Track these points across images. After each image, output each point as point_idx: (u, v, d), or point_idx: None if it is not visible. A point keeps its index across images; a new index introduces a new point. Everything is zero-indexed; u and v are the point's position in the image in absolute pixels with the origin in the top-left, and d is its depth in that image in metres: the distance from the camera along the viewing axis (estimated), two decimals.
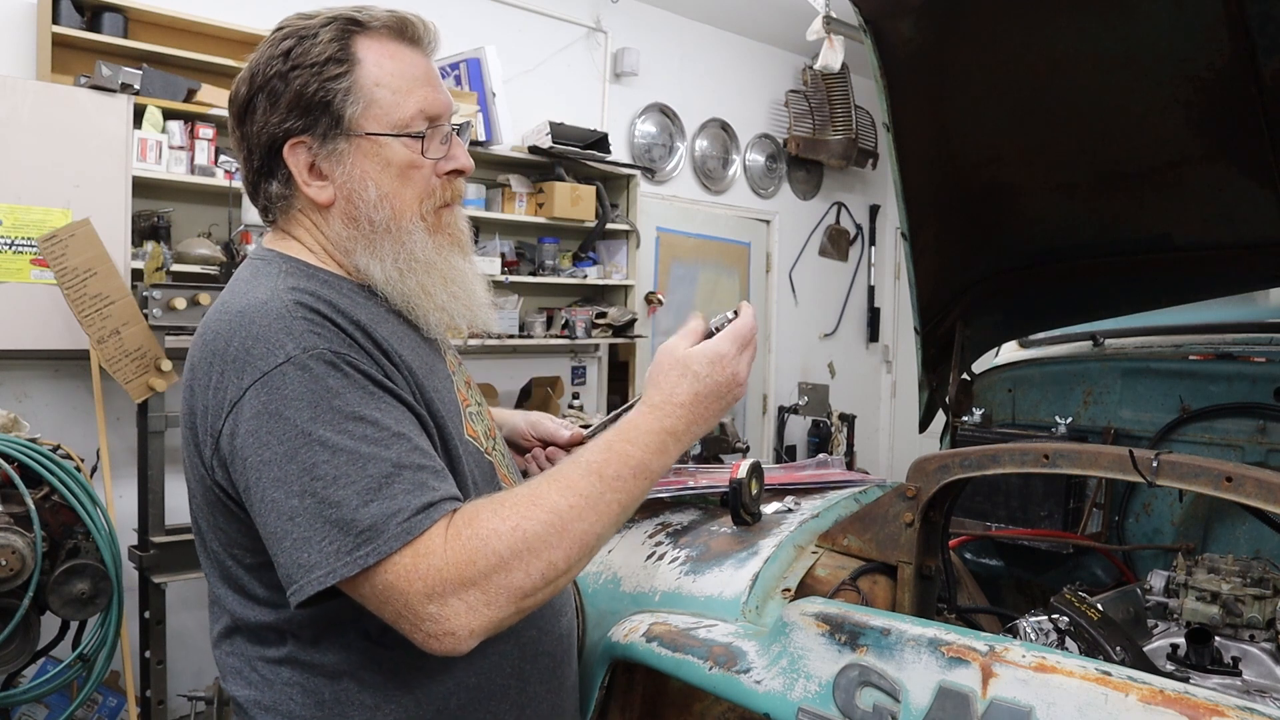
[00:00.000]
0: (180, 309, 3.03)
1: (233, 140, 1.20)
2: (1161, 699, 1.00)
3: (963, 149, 2.11)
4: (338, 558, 0.96)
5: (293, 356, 1.01)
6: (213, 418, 1.04)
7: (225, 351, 1.04)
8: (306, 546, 0.97)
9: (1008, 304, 2.44)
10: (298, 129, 1.13)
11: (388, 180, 1.15)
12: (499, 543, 1.00)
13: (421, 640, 0.99)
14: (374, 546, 0.96)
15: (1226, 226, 2.12)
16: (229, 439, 1.02)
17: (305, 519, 0.97)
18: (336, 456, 0.98)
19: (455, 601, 0.98)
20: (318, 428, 0.99)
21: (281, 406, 0.99)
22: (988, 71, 1.96)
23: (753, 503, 1.58)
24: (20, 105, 3.11)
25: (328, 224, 1.17)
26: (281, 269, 1.14)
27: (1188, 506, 2.08)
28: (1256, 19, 1.68)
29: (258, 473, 1.00)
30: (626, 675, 1.53)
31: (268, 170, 1.16)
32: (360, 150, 1.14)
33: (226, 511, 1.09)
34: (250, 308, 1.06)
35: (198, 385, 1.07)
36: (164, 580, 3.05)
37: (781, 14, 5.70)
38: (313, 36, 1.13)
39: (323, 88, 1.12)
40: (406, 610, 0.98)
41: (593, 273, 4.99)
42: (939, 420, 2.42)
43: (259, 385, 1.00)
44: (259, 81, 1.14)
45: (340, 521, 0.97)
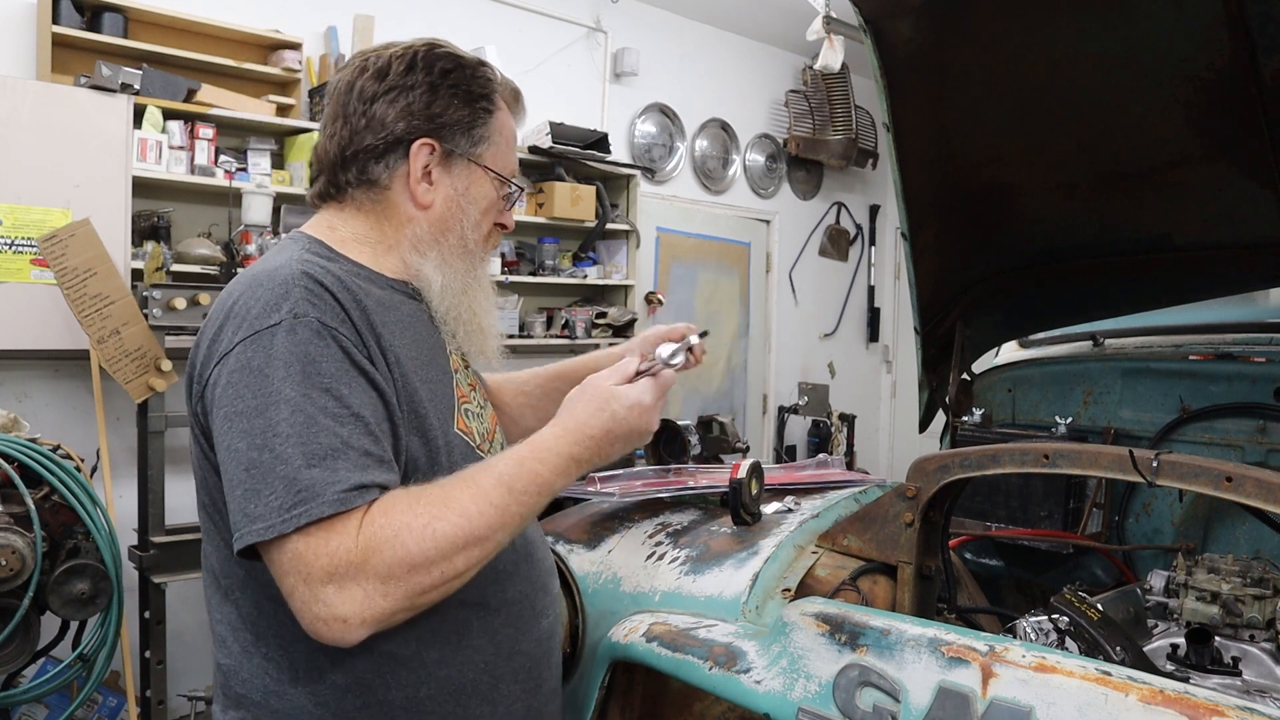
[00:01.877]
0: (180, 309, 3.02)
1: (348, 103, 1.24)
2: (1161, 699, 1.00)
3: (963, 149, 2.11)
4: (276, 514, 1.00)
5: (283, 320, 1.07)
6: (202, 367, 1.12)
7: (231, 309, 1.11)
8: (255, 497, 1.01)
9: (1008, 304, 2.44)
10: (432, 133, 1.23)
11: (476, 210, 1.29)
12: (409, 538, 1.02)
13: (309, 622, 1.00)
14: (304, 510, 0.99)
15: (1226, 226, 2.12)
16: (212, 388, 1.09)
17: (259, 471, 1.01)
18: (295, 417, 1.02)
19: (353, 588, 1.00)
20: (287, 388, 1.04)
21: (263, 364, 1.05)
22: (988, 71, 1.96)
23: (753, 503, 1.58)
24: (20, 105, 3.10)
25: (407, 222, 1.25)
26: (305, 245, 1.21)
27: (1188, 506, 2.08)
28: (1256, 19, 1.68)
29: (229, 422, 1.05)
30: (626, 675, 1.53)
31: (380, 152, 1.23)
32: (471, 176, 1.27)
33: (210, 467, 1.13)
34: (262, 273, 1.13)
35: (203, 339, 1.14)
36: (164, 580, 3.05)
37: (781, 14, 5.70)
38: (470, 67, 1.27)
39: (470, 113, 1.25)
40: (304, 585, 1.00)
41: (593, 273, 4.99)
42: (939, 420, 2.42)
43: (248, 341, 1.06)
44: (416, 74, 1.23)
45: (287, 478, 1.00)
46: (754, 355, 6.48)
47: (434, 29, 4.60)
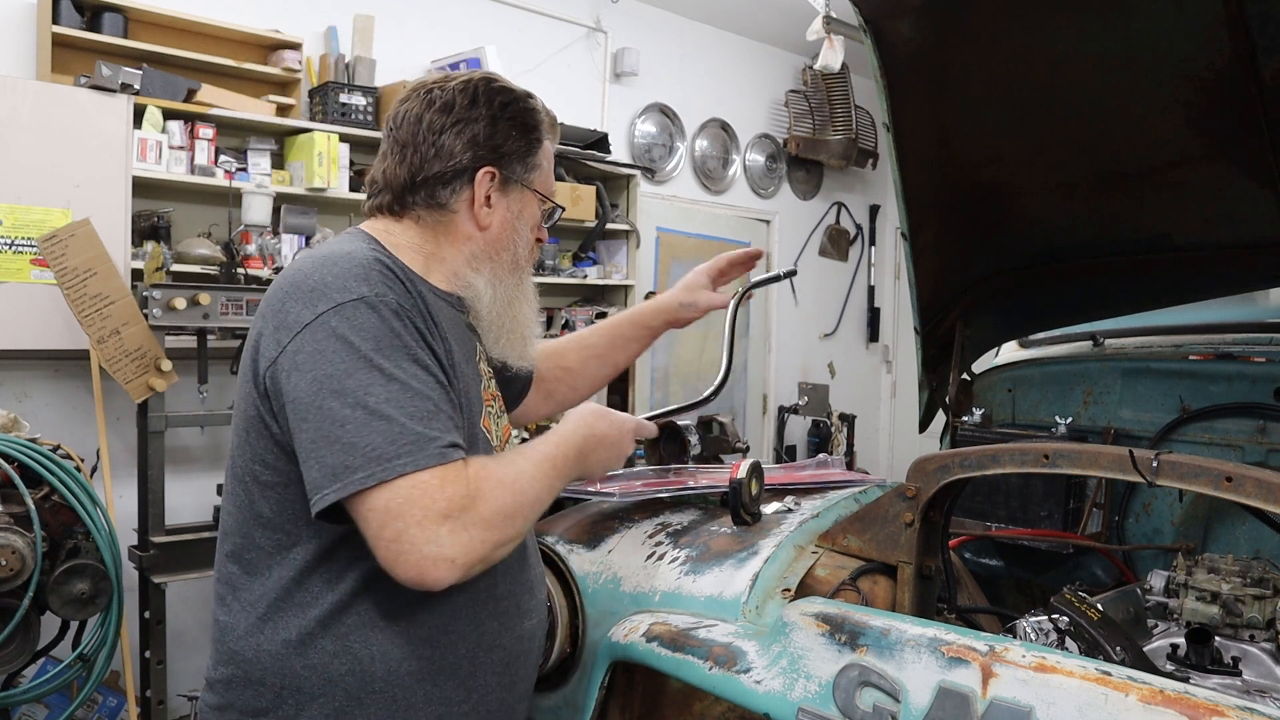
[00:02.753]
0: (180, 309, 3.02)
1: (416, 134, 1.34)
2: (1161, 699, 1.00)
3: (963, 149, 2.11)
4: (379, 463, 1.08)
5: (365, 296, 1.16)
6: (281, 335, 1.17)
7: (303, 284, 1.18)
8: (352, 451, 1.08)
9: (1008, 304, 2.44)
10: (494, 162, 1.35)
11: (527, 230, 1.42)
12: (505, 492, 1.16)
13: (415, 562, 1.07)
14: (413, 458, 1.08)
15: (1226, 226, 2.12)
16: (292, 355, 1.15)
17: (354, 426, 1.09)
18: (390, 384, 1.12)
19: (462, 531, 1.10)
20: (378, 358, 1.13)
21: (349, 333, 1.13)
22: (988, 71, 1.96)
23: (753, 503, 1.58)
24: (20, 105, 3.10)
25: (465, 240, 1.36)
26: (368, 241, 1.31)
27: (1188, 506, 2.08)
28: (1256, 19, 1.68)
29: (318, 384, 1.12)
30: (626, 675, 1.53)
31: (448, 179, 1.34)
32: (524, 200, 1.40)
33: (260, 426, 1.20)
34: (335, 254, 1.22)
35: (269, 311, 1.21)
36: (164, 580, 3.05)
37: (781, 14, 5.70)
38: (522, 100, 1.39)
39: (526, 144, 1.38)
40: (418, 526, 1.07)
41: (593, 273, 4.99)
42: (939, 420, 2.42)
43: (332, 312, 1.15)
44: (479, 108, 1.34)
45: (387, 432, 1.09)
46: (754, 355, 6.48)
47: (434, 29, 4.60)
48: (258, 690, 1.21)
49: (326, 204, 4.03)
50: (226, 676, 1.24)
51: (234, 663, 1.23)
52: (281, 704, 1.20)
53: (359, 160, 4.13)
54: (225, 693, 1.24)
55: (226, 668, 1.24)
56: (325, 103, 3.98)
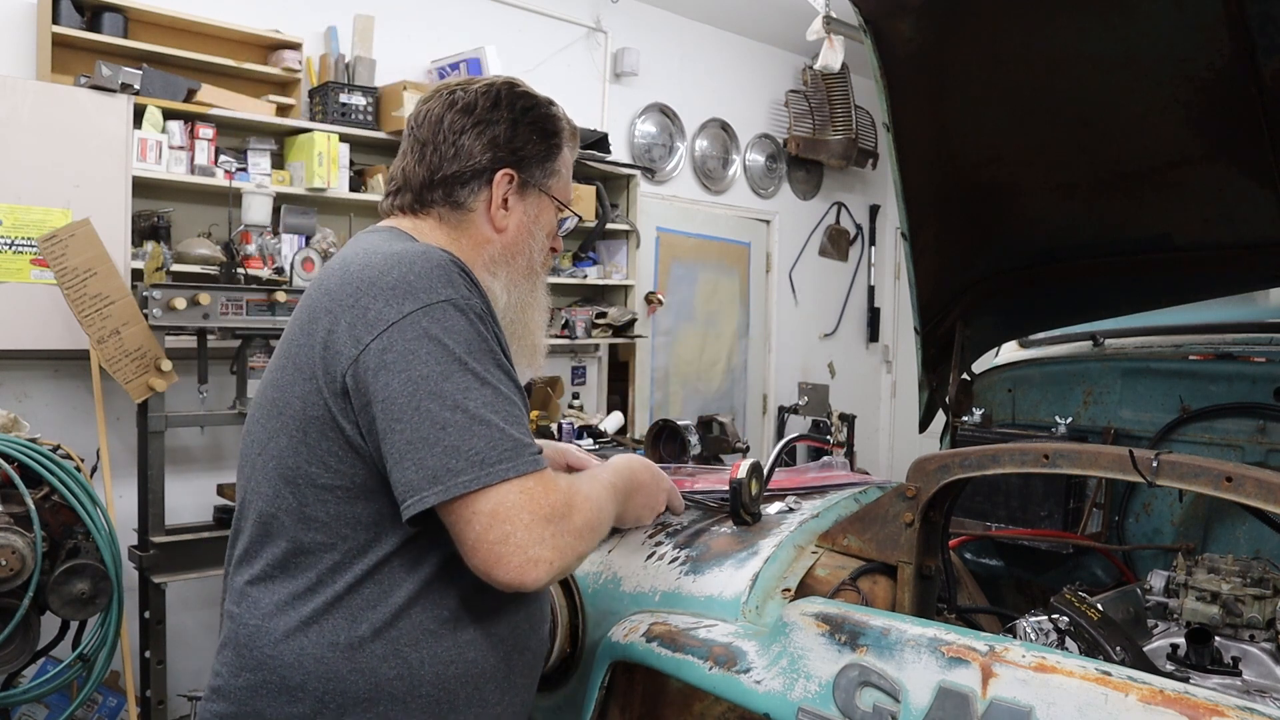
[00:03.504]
0: (180, 309, 3.02)
1: (437, 134, 1.35)
2: (1161, 699, 1.00)
3: (963, 149, 2.11)
4: (482, 468, 1.09)
5: (453, 299, 1.16)
6: (360, 333, 1.14)
7: (379, 281, 1.17)
8: (455, 454, 1.09)
9: (1008, 304, 2.44)
10: (513, 164, 1.36)
11: (542, 235, 1.43)
12: (591, 505, 1.21)
13: (518, 565, 1.09)
14: (514, 464, 1.10)
15: (1226, 226, 2.12)
16: (379, 352, 1.13)
17: (456, 429, 1.09)
18: (484, 388, 1.13)
19: (560, 536, 1.12)
20: (471, 361, 1.13)
21: (441, 334, 1.13)
22: (988, 71, 1.96)
23: (753, 503, 1.58)
24: (20, 105, 3.11)
25: (483, 243, 1.37)
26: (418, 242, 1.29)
27: (1188, 506, 2.08)
28: (1256, 19, 1.68)
29: (413, 385, 1.11)
30: (626, 675, 1.53)
31: (467, 179, 1.35)
32: (540, 205, 1.41)
33: (327, 427, 1.17)
34: (408, 253, 1.21)
35: (339, 306, 1.18)
36: (164, 580, 3.05)
37: (781, 14, 5.70)
38: (544, 106, 1.41)
39: (545, 148, 1.39)
40: (525, 529, 1.09)
41: (593, 273, 4.99)
42: (939, 420, 2.42)
43: (421, 312, 1.13)
44: (500, 110, 1.36)
45: (489, 437, 1.10)
46: (754, 355, 6.48)
47: (434, 29, 4.60)
48: (294, 696, 1.17)
49: (326, 204, 4.04)
50: (253, 683, 1.19)
51: (265, 668, 1.18)
52: (322, 709, 1.16)
53: (359, 160, 4.13)
54: (249, 700, 1.19)
55: (253, 674, 1.19)
56: (325, 103, 3.98)
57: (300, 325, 1.24)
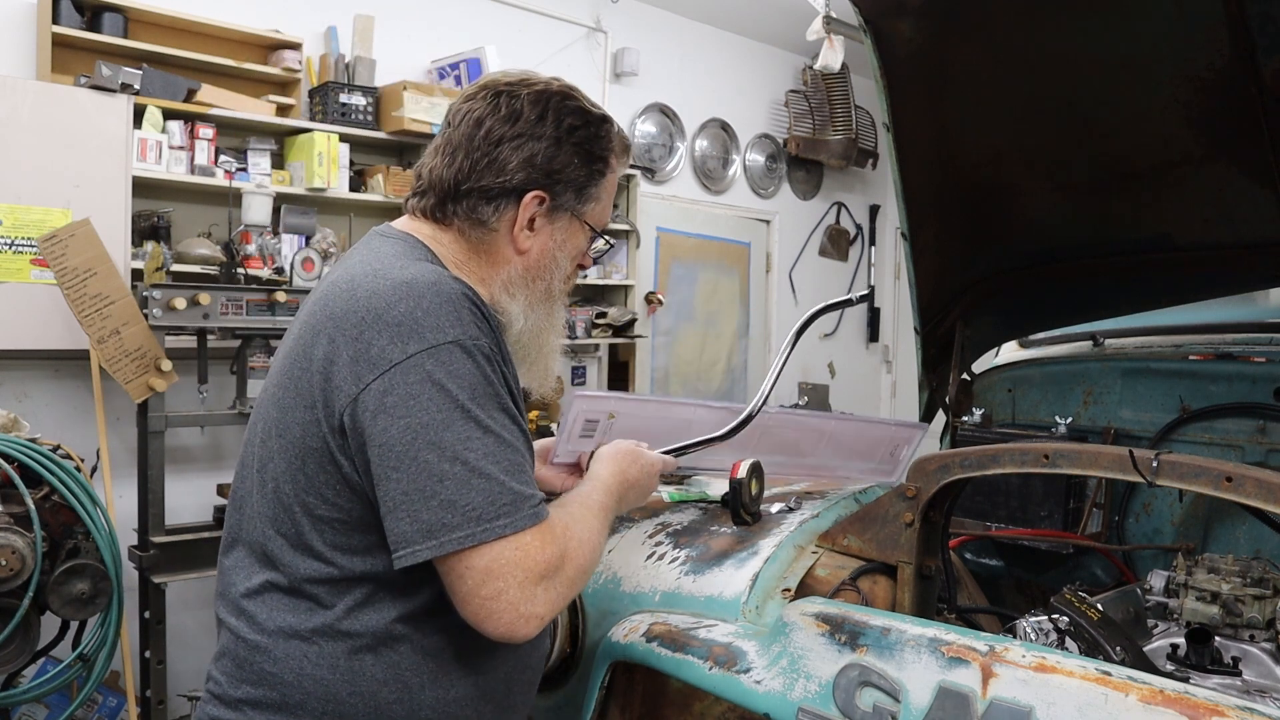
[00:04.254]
0: (180, 309, 3.02)
1: (473, 138, 1.27)
2: (1161, 699, 1.00)
3: (963, 149, 2.11)
4: (479, 523, 1.07)
5: (460, 340, 1.11)
6: (362, 371, 1.10)
7: (386, 314, 1.12)
8: (451, 508, 1.06)
9: (1008, 304, 2.44)
10: (547, 186, 1.28)
11: (568, 261, 1.35)
12: (584, 550, 1.18)
13: (509, 620, 1.08)
14: (511, 519, 1.08)
15: (1226, 226, 2.12)
16: (379, 395, 1.09)
17: (454, 482, 1.07)
18: (486, 436, 1.09)
19: (552, 590, 1.11)
20: (474, 408, 1.10)
21: (444, 379, 1.09)
22: (988, 71, 1.96)
23: (753, 503, 1.58)
24: (20, 105, 3.10)
25: (503, 263, 1.30)
26: (428, 258, 1.25)
27: (1188, 506, 2.08)
28: (1256, 19, 1.68)
29: (412, 434, 1.07)
30: (626, 675, 1.53)
31: (493, 195, 1.27)
32: (570, 229, 1.33)
33: (324, 460, 1.14)
34: (418, 281, 1.15)
35: (343, 337, 1.13)
36: (164, 580, 3.05)
37: (781, 14, 5.70)
38: (595, 124, 1.31)
39: (587, 173, 1.30)
40: (519, 587, 1.08)
41: (593, 273, 4.99)
42: (939, 420, 2.42)
43: (426, 354, 1.09)
44: (545, 125, 1.27)
45: (487, 491, 1.07)
46: (754, 355, 6.47)
47: (434, 29, 4.60)
48: (294, 714, 1.16)
49: (326, 204, 4.03)
50: (255, 698, 1.18)
51: (267, 684, 1.17)
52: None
53: (359, 160, 4.13)
54: (251, 712, 1.18)
55: (255, 689, 1.18)
56: (325, 103, 3.98)
57: (302, 345, 1.19)
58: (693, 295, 6.03)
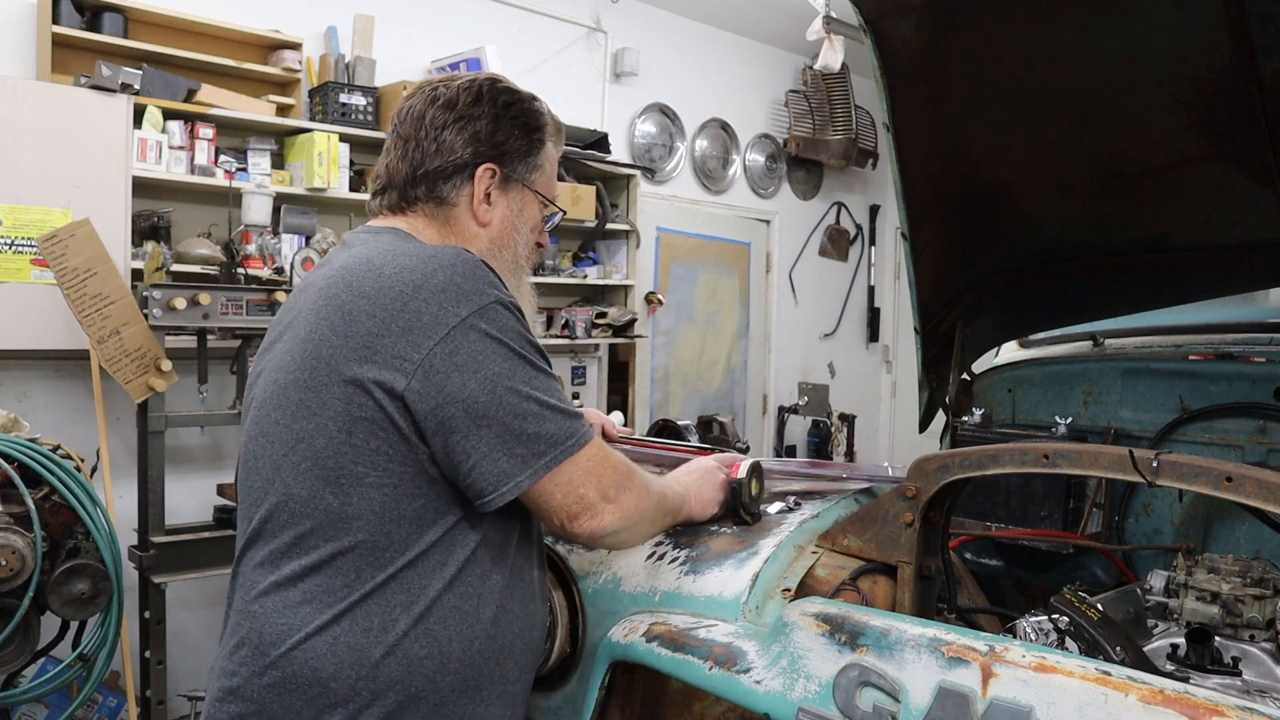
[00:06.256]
0: (180, 309, 3.02)
1: (419, 129, 1.38)
2: (1161, 699, 1.00)
3: (963, 149, 2.11)
4: (557, 445, 1.24)
5: (500, 298, 1.24)
6: (419, 339, 1.20)
7: (426, 284, 1.22)
8: (538, 440, 1.23)
9: (1008, 304, 2.44)
10: (495, 159, 1.39)
11: (527, 229, 1.46)
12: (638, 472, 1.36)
13: (592, 520, 1.27)
14: (577, 439, 1.26)
15: (1226, 226, 2.12)
16: (447, 357, 1.19)
17: (534, 419, 1.23)
18: (539, 375, 1.25)
19: (628, 494, 1.31)
20: (526, 353, 1.25)
21: (499, 334, 1.22)
22: (988, 71, 1.96)
23: (753, 503, 1.58)
24: (20, 105, 3.11)
25: (470, 238, 1.40)
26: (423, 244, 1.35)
27: (1188, 506, 2.08)
28: (1256, 19, 1.68)
29: (490, 383, 1.20)
30: (626, 675, 1.53)
31: (449, 173, 1.38)
32: (523, 199, 1.44)
33: (376, 427, 1.21)
34: (442, 254, 1.26)
35: (385, 312, 1.21)
36: (164, 580, 3.05)
37: (781, 14, 5.70)
38: (526, 101, 1.43)
39: (528, 141, 1.42)
40: (595, 489, 1.27)
41: (593, 273, 4.99)
42: (939, 420, 2.42)
43: (477, 314, 1.21)
44: (482, 106, 1.39)
45: (556, 419, 1.24)
46: (754, 355, 6.48)
47: (434, 29, 4.60)
48: (326, 688, 1.17)
49: (326, 204, 4.04)
50: (278, 680, 1.19)
51: (295, 663, 1.19)
52: (354, 697, 1.18)
53: (359, 160, 4.13)
54: (275, 699, 1.19)
55: (280, 670, 1.19)
56: (325, 103, 3.98)
57: (332, 327, 1.23)
58: (693, 295, 6.03)
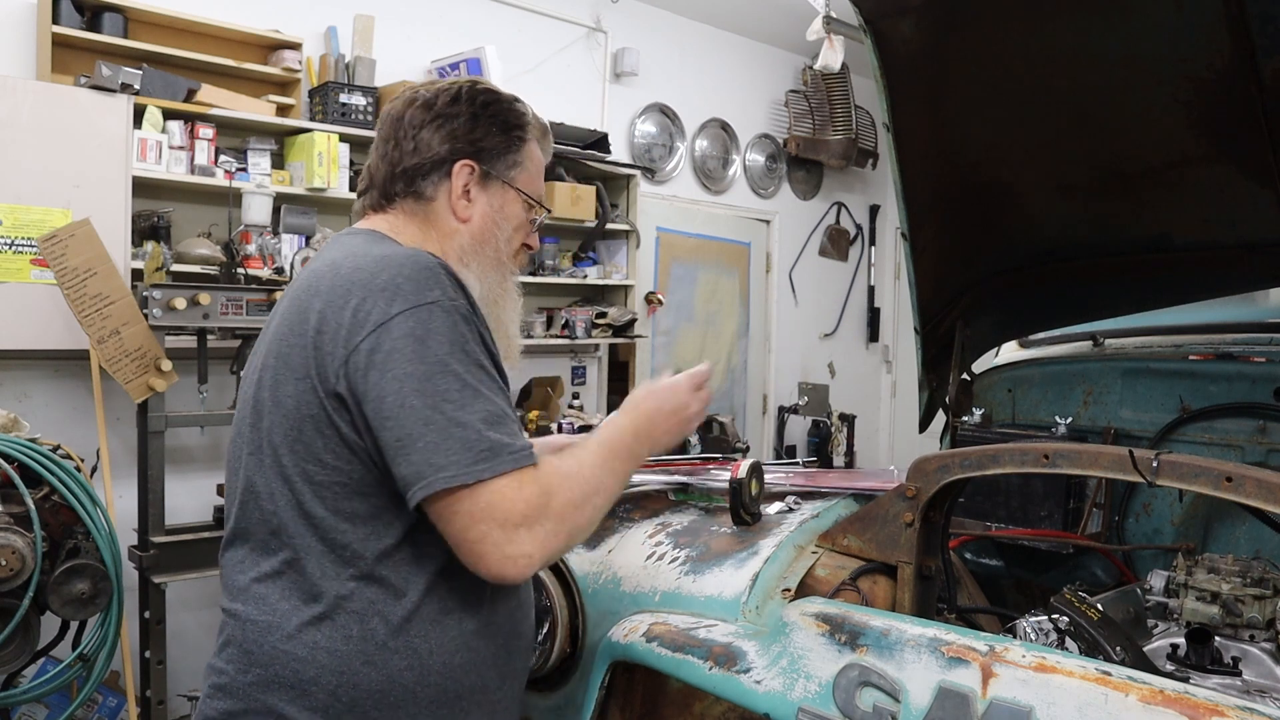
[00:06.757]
0: (180, 309, 3.02)
1: (399, 129, 1.40)
2: (1161, 699, 1.00)
3: (963, 149, 2.11)
4: (462, 466, 1.13)
5: (439, 300, 1.20)
6: (350, 332, 1.19)
7: (371, 282, 1.20)
8: (438, 450, 1.13)
9: (1008, 304, 2.44)
10: (472, 155, 1.39)
11: (509, 227, 1.44)
12: (572, 484, 1.22)
13: (498, 561, 1.14)
14: (491, 465, 1.14)
15: (1226, 226, 2.12)
16: (368, 353, 1.17)
17: (437, 429, 1.14)
18: (465, 390, 1.16)
19: (539, 529, 1.16)
20: (453, 362, 1.17)
21: (426, 335, 1.17)
22: (988, 71, 1.96)
23: (753, 503, 1.58)
24: (20, 105, 3.10)
25: (451, 234, 1.40)
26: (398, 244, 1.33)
27: (1188, 506, 2.08)
28: (1256, 19, 1.68)
29: (400, 383, 1.15)
30: (626, 675, 1.53)
31: (427, 170, 1.39)
32: (504, 196, 1.43)
33: (324, 424, 1.20)
34: (397, 254, 1.25)
35: (330, 308, 1.21)
36: (164, 580, 3.05)
37: (781, 14, 5.70)
38: (507, 101, 1.44)
39: (506, 139, 1.42)
40: (500, 529, 1.14)
41: (593, 273, 4.99)
42: (939, 420, 2.42)
43: (410, 313, 1.17)
44: (460, 105, 1.40)
45: (464, 439, 1.14)
46: (754, 355, 6.47)
47: (434, 29, 4.60)
48: (306, 690, 1.18)
49: (326, 204, 4.03)
50: (263, 679, 1.20)
51: (277, 663, 1.20)
52: (334, 703, 1.18)
53: (359, 160, 4.12)
54: (259, 696, 1.20)
55: (264, 669, 1.20)
56: (325, 103, 3.98)
57: (290, 325, 1.25)
58: (693, 295, 6.03)
